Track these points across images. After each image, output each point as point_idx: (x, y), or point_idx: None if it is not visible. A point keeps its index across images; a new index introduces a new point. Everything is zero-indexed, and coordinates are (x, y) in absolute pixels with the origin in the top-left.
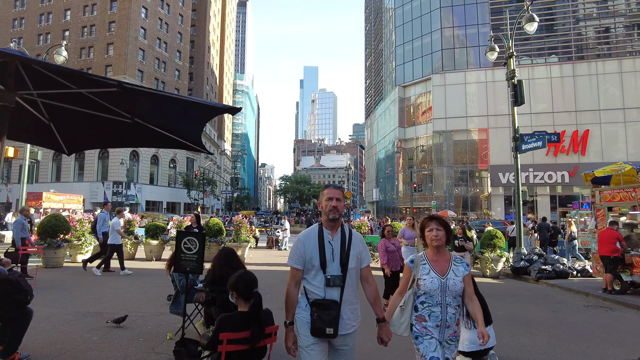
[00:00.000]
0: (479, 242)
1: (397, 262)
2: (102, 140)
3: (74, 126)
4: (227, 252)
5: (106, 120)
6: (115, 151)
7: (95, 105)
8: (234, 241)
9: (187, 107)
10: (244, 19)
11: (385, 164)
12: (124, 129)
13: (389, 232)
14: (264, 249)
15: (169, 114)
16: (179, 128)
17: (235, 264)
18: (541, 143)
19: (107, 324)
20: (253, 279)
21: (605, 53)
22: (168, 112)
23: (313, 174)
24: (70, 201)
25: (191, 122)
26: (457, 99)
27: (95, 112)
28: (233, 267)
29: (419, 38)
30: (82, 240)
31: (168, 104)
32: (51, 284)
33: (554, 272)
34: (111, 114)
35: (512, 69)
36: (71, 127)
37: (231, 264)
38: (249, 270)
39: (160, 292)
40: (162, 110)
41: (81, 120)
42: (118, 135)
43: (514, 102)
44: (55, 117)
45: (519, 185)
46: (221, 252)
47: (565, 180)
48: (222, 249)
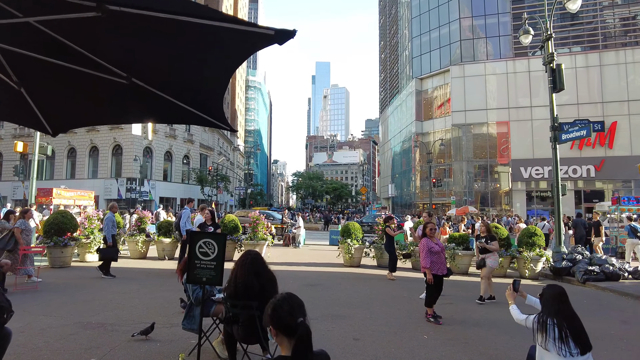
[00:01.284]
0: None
1: (442, 265)
2: (91, 113)
3: (52, 93)
4: (253, 257)
5: (91, 81)
6: (128, 147)
7: (75, 57)
8: (251, 239)
9: (208, 44)
10: (255, 15)
11: (401, 159)
12: (119, 94)
13: (431, 230)
14: (280, 247)
15: (180, 62)
16: (194, 92)
17: (264, 272)
18: (585, 132)
19: (133, 337)
20: (297, 306)
21: (633, 41)
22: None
23: (325, 170)
24: (82, 197)
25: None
26: (477, 91)
27: (73, 65)
28: (260, 277)
29: (436, 29)
30: (91, 239)
31: (180, 43)
32: (54, 287)
33: (602, 274)
34: (99, 71)
35: (551, 52)
36: (48, 94)
37: (259, 272)
38: (291, 293)
39: (172, 297)
40: (171, 57)
41: (60, 84)
42: (112, 106)
43: (552, 88)
44: (27, 78)
45: (557, 179)
46: (245, 257)
47: (591, 174)
48: (247, 253)
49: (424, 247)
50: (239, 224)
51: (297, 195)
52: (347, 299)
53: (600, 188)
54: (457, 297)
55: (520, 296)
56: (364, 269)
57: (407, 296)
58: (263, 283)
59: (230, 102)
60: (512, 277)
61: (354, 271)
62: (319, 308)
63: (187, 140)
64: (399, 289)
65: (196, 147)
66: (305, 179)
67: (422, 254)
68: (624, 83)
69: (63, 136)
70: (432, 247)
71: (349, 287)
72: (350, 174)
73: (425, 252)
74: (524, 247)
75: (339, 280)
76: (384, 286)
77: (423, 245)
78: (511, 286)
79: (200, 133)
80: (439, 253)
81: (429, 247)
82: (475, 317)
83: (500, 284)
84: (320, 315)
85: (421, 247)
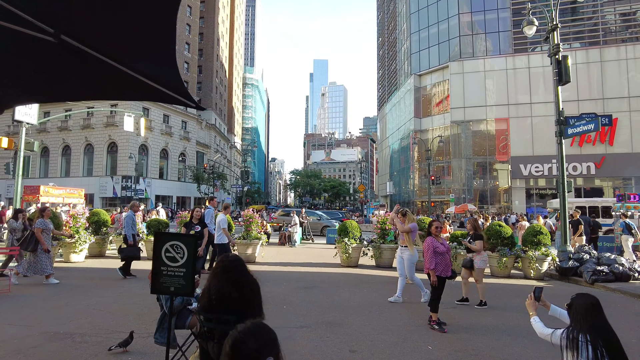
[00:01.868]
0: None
1: (447, 267)
2: (19, 86)
3: None
4: (229, 263)
5: (10, 38)
6: (123, 145)
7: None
8: (244, 238)
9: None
10: (253, 12)
11: (400, 157)
12: (49, 58)
13: (437, 228)
14: (276, 246)
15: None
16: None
17: (244, 281)
18: (593, 126)
19: (111, 350)
20: (267, 343)
21: (634, 37)
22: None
23: (323, 168)
24: (71, 195)
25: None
26: (476, 87)
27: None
28: (240, 287)
29: (435, 25)
30: (76, 238)
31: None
32: (29, 290)
33: (612, 274)
34: (19, 24)
35: (556, 43)
36: None
37: (238, 281)
38: (259, 322)
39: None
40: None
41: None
42: (42, 76)
43: (557, 81)
44: None
45: (563, 175)
46: (218, 264)
47: (592, 171)
48: (221, 260)
49: (429, 247)
50: (231, 222)
51: (295, 193)
52: (344, 302)
53: (599, 185)
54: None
55: (543, 306)
56: (362, 269)
57: (407, 300)
58: (245, 294)
59: (227, 99)
60: (516, 277)
61: (352, 272)
62: (314, 314)
63: (184, 137)
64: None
65: (192, 145)
66: (303, 177)
67: (426, 255)
68: (625, 79)
69: (57, 133)
70: (437, 247)
71: (346, 289)
72: (349, 172)
73: (431, 253)
74: (529, 246)
75: (336, 282)
76: (383, 289)
77: (428, 245)
78: (532, 295)
79: (196, 131)
80: (444, 254)
81: (435, 247)
82: (482, 324)
83: (504, 285)
84: (314, 322)
85: (426, 246)
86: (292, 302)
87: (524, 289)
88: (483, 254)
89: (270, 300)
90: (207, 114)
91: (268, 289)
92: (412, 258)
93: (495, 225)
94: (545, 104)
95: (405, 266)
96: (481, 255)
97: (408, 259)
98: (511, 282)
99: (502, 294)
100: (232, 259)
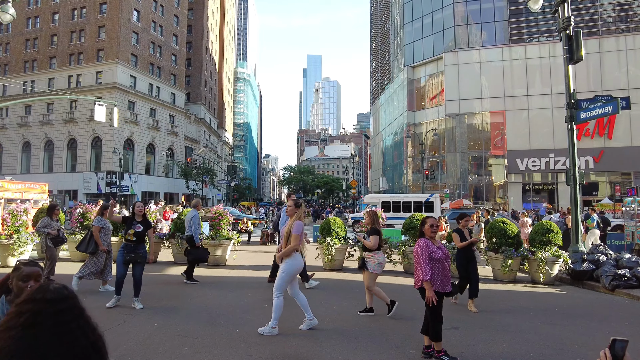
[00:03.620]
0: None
1: (446, 279)
2: None
3: None
4: (43, 302)
5: None
6: (108, 140)
7: None
8: (212, 238)
9: None
10: (245, 7)
11: (393, 152)
12: None
13: (432, 227)
14: (257, 244)
15: None
16: None
17: (77, 341)
18: (611, 108)
19: None
20: None
21: (632, 27)
22: None
23: (317, 164)
24: (31, 190)
25: None
26: (471, 79)
27: None
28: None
29: (429, 14)
30: (15, 238)
31: None
32: None
33: (635, 279)
34: None
35: (567, 16)
36: None
37: (52, 345)
38: None
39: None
40: None
41: None
42: None
43: (568, 59)
44: None
45: (574, 166)
46: (24, 306)
47: (590, 166)
48: (31, 299)
49: (423, 252)
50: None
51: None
52: (319, 321)
53: (595, 180)
54: (464, 319)
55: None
56: (347, 273)
57: (398, 321)
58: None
59: (217, 93)
60: (522, 282)
61: (335, 277)
62: (273, 341)
63: (171, 132)
64: (384, 307)
65: (180, 140)
66: (296, 173)
67: (419, 261)
68: (624, 70)
69: (39, 127)
70: (433, 251)
71: (323, 301)
72: (342, 167)
73: (425, 259)
74: (538, 246)
75: (313, 291)
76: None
77: (421, 248)
78: (607, 351)
79: (185, 125)
80: (442, 261)
81: (430, 251)
82: (497, 351)
83: (509, 292)
84: (269, 355)
85: (418, 251)
86: (248, 323)
87: (537, 296)
88: (379, 255)
89: (223, 317)
90: (196, 108)
91: (227, 301)
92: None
93: (499, 222)
94: (542, 96)
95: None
96: (377, 257)
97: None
98: (514, 288)
99: (515, 307)
100: (49, 300)
